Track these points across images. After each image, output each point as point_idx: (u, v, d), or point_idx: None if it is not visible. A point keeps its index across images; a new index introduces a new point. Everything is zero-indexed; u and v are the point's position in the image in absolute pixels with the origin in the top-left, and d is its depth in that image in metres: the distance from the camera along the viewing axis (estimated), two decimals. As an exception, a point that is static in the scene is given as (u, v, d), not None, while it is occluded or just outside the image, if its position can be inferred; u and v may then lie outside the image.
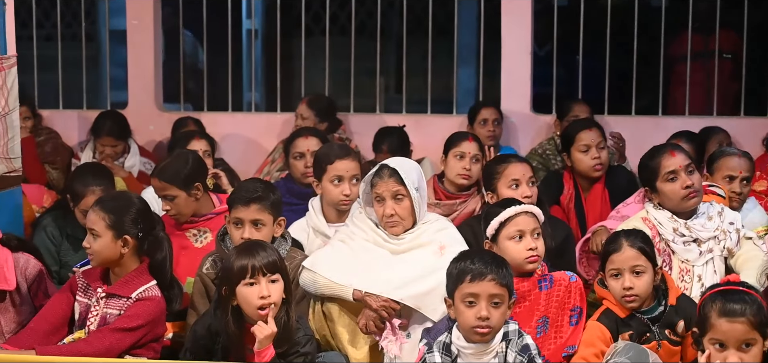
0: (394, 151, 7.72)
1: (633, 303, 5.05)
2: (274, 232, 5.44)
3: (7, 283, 5.47)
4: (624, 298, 5.05)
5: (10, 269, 5.50)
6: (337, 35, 9.89)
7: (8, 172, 6.26)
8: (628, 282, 5.05)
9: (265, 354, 4.73)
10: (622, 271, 5.06)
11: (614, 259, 5.09)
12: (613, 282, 5.09)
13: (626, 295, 5.05)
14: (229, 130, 9.13)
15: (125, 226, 5.18)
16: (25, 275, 5.53)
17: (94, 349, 5.01)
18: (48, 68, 9.76)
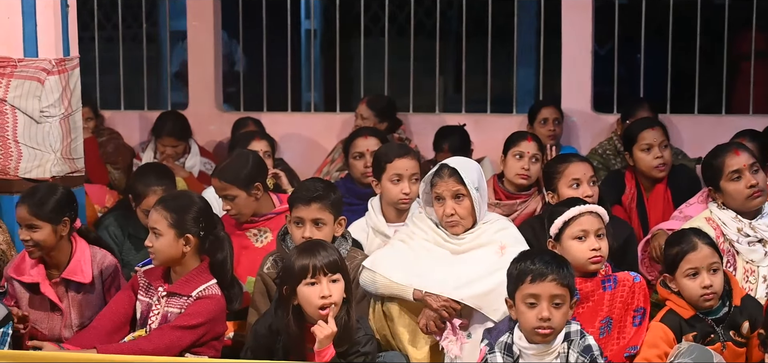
0: (455, 150, 7.69)
1: (711, 301, 4.99)
2: (334, 232, 5.44)
3: (83, 275, 5.53)
4: (702, 297, 4.99)
5: (87, 262, 5.56)
6: (395, 35, 9.88)
7: (71, 173, 6.31)
8: (707, 280, 4.98)
9: (325, 354, 4.73)
10: (699, 270, 4.99)
11: (691, 258, 5.01)
12: (690, 282, 5.02)
13: (705, 294, 4.98)
14: (289, 130, 9.15)
15: (187, 224, 5.20)
16: (101, 269, 5.58)
17: (155, 347, 5.04)
18: (109, 69, 9.84)
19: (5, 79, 6.14)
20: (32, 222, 5.46)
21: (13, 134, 6.20)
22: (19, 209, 5.50)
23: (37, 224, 5.46)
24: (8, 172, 6.22)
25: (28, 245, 5.48)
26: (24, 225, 5.47)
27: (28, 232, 5.46)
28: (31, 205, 5.48)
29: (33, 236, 5.46)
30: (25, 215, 5.47)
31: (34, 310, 5.54)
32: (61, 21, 6.24)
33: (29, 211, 5.47)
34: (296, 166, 8.18)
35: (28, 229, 5.46)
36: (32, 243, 5.46)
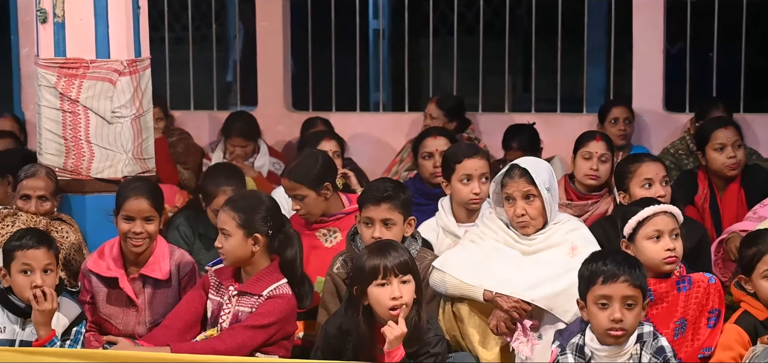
0: (525, 149, 7.67)
1: None
2: (404, 232, 5.43)
3: (161, 272, 5.57)
4: None
5: (166, 259, 5.61)
6: (464, 35, 9.85)
7: (142, 173, 6.36)
8: None
9: (395, 354, 4.72)
10: None
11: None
12: (766, 283, 4.95)
13: None
14: (357, 130, 9.15)
15: (255, 224, 5.21)
16: (179, 267, 5.63)
17: (227, 346, 5.06)
18: (179, 70, 9.91)
19: (78, 81, 6.20)
20: (151, 214, 5.52)
21: (86, 135, 6.26)
22: (138, 202, 5.53)
23: (153, 216, 5.54)
24: (81, 172, 6.29)
25: (139, 238, 5.52)
26: (141, 218, 5.51)
27: (144, 225, 5.51)
28: (149, 197, 5.54)
29: (147, 228, 5.52)
30: (145, 207, 5.52)
31: (110, 305, 5.60)
32: (132, 22, 6.29)
33: (149, 202, 5.53)
34: (365, 166, 8.19)
35: (145, 221, 5.52)
36: (145, 235, 5.52)
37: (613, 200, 6.32)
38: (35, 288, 5.00)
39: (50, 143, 6.31)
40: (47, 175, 6.15)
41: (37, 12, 6.24)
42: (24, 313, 5.08)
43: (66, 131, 6.26)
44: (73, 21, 6.18)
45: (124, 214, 5.55)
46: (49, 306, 4.99)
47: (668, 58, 8.76)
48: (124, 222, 5.55)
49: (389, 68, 11.25)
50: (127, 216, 5.54)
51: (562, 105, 9.13)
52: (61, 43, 6.22)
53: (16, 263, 5.07)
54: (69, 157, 6.29)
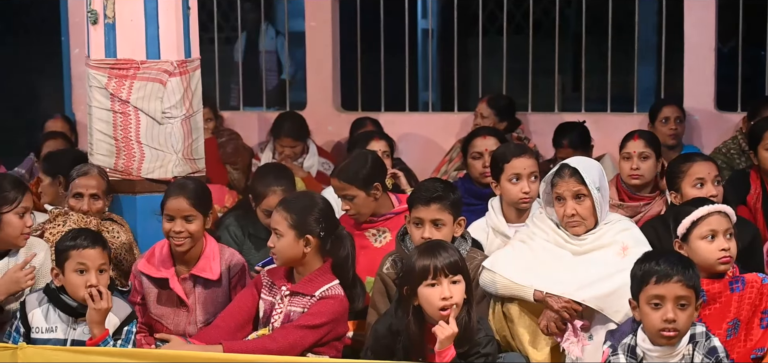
0: (575, 146, 7.65)
1: None
2: (454, 232, 5.41)
3: (212, 272, 5.59)
4: None
5: (216, 259, 5.62)
6: (513, 34, 9.82)
7: (192, 173, 6.39)
8: None
9: (446, 354, 4.71)
10: None
11: None
12: None
13: None
14: (406, 130, 9.15)
15: (307, 225, 5.21)
16: (229, 267, 5.64)
17: (278, 346, 5.06)
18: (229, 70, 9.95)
19: (128, 81, 6.24)
20: (190, 213, 5.53)
21: (136, 135, 6.30)
22: (177, 201, 5.55)
23: (194, 215, 5.54)
24: (131, 173, 6.32)
25: (180, 238, 5.54)
26: (180, 216, 5.53)
27: (184, 224, 5.53)
28: (189, 197, 5.55)
29: (188, 228, 5.54)
30: (184, 206, 5.54)
31: (161, 305, 5.63)
32: (182, 23, 6.32)
33: (188, 202, 5.55)
34: (414, 166, 8.17)
35: (185, 220, 5.54)
36: (185, 234, 5.54)
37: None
38: (90, 287, 5.02)
39: (101, 144, 6.35)
40: (99, 174, 6.19)
41: (87, 13, 6.28)
42: (76, 312, 5.11)
43: (117, 132, 6.30)
44: (123, 22, 6.22)
45: (166, 213, 5.58)
46: (105, 305, 5.02)
47: (720, 56, 8.69)
48: (166, 221, 5.58)
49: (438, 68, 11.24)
50: (168, 215, 5.57)
51: (612, 104, 9.08)
52: (111, 44, 6.25)
53: (71, 262, 5.09)
54: (120, 158, 6.32)
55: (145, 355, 4.76)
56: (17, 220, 5.47)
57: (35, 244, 5.62)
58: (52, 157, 7.12)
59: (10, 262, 5.50)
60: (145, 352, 5.01)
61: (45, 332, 5.13)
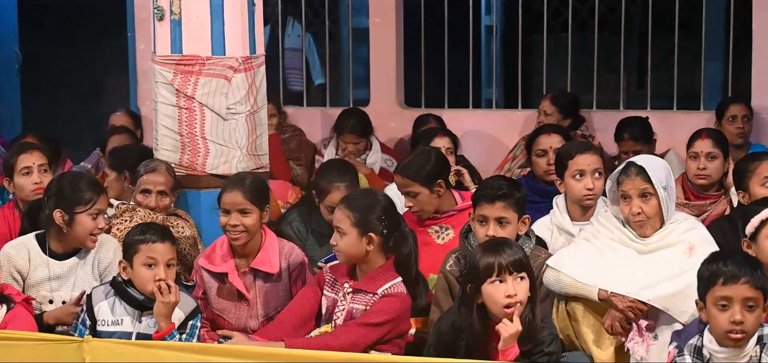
0: (636, 139, 7.63)
1: None
2: (518, 230, 5.39)
3: (272, 266, 5.61)
4: None
5: (276, 254, 5.64)
6: (577, 31, 9.76)
7: (256, 169, 6.42)
8: None
9: (509, 352, 4.69)
10: None
11: None
12: None
13: None
14: (470, 127, 9.12)
15: (370, 223, 5.21)
16: (289, 262, 5.66)
17: (340, 343, 5.06)
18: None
19: (194, 77, 6.28)
20: (246, 206, 5.55)
21: (201, 131, 6.33)
22: (233, 195, 5.58)
23: (249, 209, 5.56)
24: (196, 168, 6.36)
25: (235, 231, 5.56)
26: (236, 210, 5.56)
27: (240, 217, 5.56)
28: (244, 190, 5.58)
29: (244, 221, 5.56)
30: (239, 200, 5.57)
31: (221, 299, 5.65)
32: (247, 19, 6.35)
33: (244, 195, 5.57)
34: (477, 164, 8.15)
35: (241, 213, 5.56)
36: (241, 228, 5.56)
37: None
38: (159, 281, 5.06)
39: (166, 139, 6.40)
40: (167, 171, 6.23)
41: (154, 9, 6.32)
42: (142, 305, 5.15)
43: (182, 127, 6.34)
44: (189, 18, 6.26)
45: (222, 206, 5.61)
46: (173, 298, 5.05)
47: (788, 53, 8.57)
48: (222, 214, 5.61)
49: (501, 65, 11.18)
50: (224, 209, 5.59)
51: (679, 102, 8.99)
52: (177, 40, 6.29)
53: (140, 256, 5.13)
54: (184, 153, 6.36)
55: (208, 350, 4.78)
56: (90, 221, 5.51)
57: (105, 241, 5.67)
58: (118, 152, 7.18)
59: (79, 262, 5.55)
60: (209, 346, 5.03)
61: (111, 325, 5.17)
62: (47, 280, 5.52)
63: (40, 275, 5.53)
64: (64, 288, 5.51)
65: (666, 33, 9.06)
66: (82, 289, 5.45)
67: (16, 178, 6.38)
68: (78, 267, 5.54)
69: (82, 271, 5.54)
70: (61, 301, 5.48)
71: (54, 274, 5.52)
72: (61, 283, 5.52)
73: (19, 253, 5.54)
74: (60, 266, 5.54)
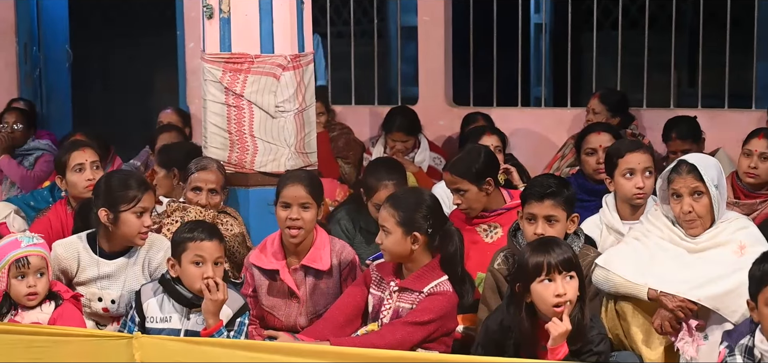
0: (684, 138, 7.58)
1: None
2: (567, 229, 5.36)
3: (322, 263, 5.62)
4: None
5: (327, 251, 5.65)
6: (627, 29, 9.69)
7: (304, 167, 6.42)
8: None
9: (558, 352, 4.66)
10: None
11: None
12: None
13: None
14: (518, 125, 9.10)
15: (415, 222, 5.21)
16: (340, 260, 5.67)
17: (386, 341, 5.05)
18: (340, 65, 9.98)
19: (243, 75, 6.29)
20: (307, 201, 5.58)
21: (250, 129, 6.35)
22: (294, 188, 5.60)
23: (309, 203, 5.59)
24: (244, 166, 6.38)
25: (295, 226, 5.58)
26: (297, 204, 5.58)
27: (300, 212, 5.57)
28: (306, 184, 5.61)
29: (303, 216, 5.58)
30: (301, 194, 5.59)
31: (272, 297, 5.67)
32: (296, 17, 6.36)
33: (305, 189, 5.59)
34: (525, 162, 8.13)
35: (301, 208, 5.58)
36: (300, 223, 5.57)
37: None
38: (207, 278, 5.08)
39: (215, 137, 6.42)
40: (218, 169, 6.25)
41: (203, 8, 6.35)
42: (190, 303, 5.17)
43: (231, 125, 6.36)
44: (238, 16, 6.28)
45: (282, 201, 5.61)
46: (221, 296, 5.07)
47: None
48: (282, 209, 5.61)
49: (550, 63, 11.14)
50: (284, 203, 5.60)
51: (730, 100, 8.92)
52: (226, 38, 6.31)
53: (189, 254, 5.14)
54: (233, 151, 6.38)
55: (256, 347, 4.79)
56: (134, 219, 5.53)
57: (156, 241, 5.68)
58: (167, 149, 7.21)
59: (128, 261, 5.57)
60: (257, 343, 5.04)
61: (159, 322, 5.19)
62: (97, 279, 5.55)
63: (89, 274, 5.56)
64: (114, 287, 5.54)
65: (717, 30, 8.98)
66: (132, 288, 5.48)
67: (68, 175, 6.42)
68: (128, 266, 5.56)
69: (132, 271, 5.56)
70: (110, 300, 5.51)
71: (103, 273, 5.55)
72: (110, 282, 5.55)
73: (67, 253, 5.58)
74: (109, 265, 5.56)
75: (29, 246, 5.20)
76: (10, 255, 5.17)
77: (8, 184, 8.41)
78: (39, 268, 5.19)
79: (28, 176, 8.39)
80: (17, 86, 10.36)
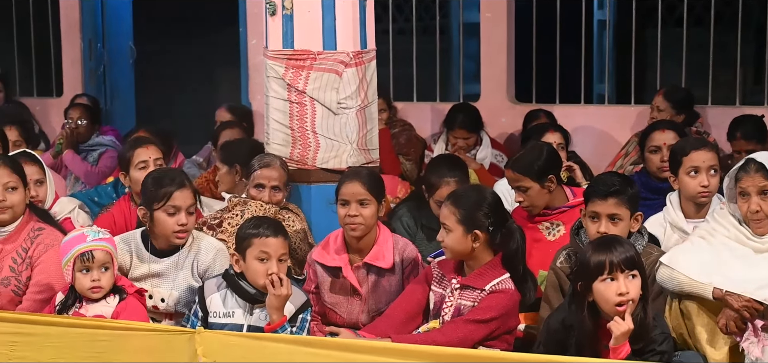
0: (748, 138, 7.52)
1: None
2: (630, 227, 5.32)
3: (385, 261, 5.63)
4: None
5: (390, 249, 5.66)
6: (692, 25, 9.60)
7: (366, 163, 6.42)
8: None
9: (621, 351, 4.63)
10: None
11: None
12: None
13: None
14: (581, 122, 9.04)
15: (476, 220, 5.20)
16: (403, 257, 5.67)
17: (448, 339, 5.05)
18: (402, 61, 9.98)
19: (305, 72, 6.30)
20: (365, 197, 5.60)
21: (312, 125, 6.36)
22: (352, 185, 5.63)
23: (368, 200, 5.61)
24: (306, 162, 6.39)
25: (354, 222, 5.60)
26: (355, 201, 5.60)
27: (358, 208, 5.60)
28: (363, 181, 5.64)
29: (362, 212, 5.60)
30: (359, 190, 5.62)
31: (334, 294, 5.68)
32: (358, 14, 6.36)
33: (363, 186, 5.62)
34: (588, 160, 8.08)
35: (360, 205, 5.60)
36: (360, 219, 5.60)
37: None
38: (271, 274, 5.09)
39: (277, 133, 6.43)
40: (281, 166, 6.27)
41: (266, 4, 6.37)
42: (253, 298, 5.19)
43: (293, 122, 6.37)
44: (301, 13, 6.29)
45: (341, 198, 5.63)
46: (285, 292, 5.09)
47: None
48: (341, 206, 5.63)
49: (614, 60, 11.05)
50: (343, 200, 5.62)
51: (797, 98, 8.83)
52: (289, 35, 6.33)
53: (253, 250, 5.17)
54: (295, 147, 6.40)
55: (318, 343, 4.80)
56: (166, 217, 5.55)
57: (204, 243, 5.69)
58: (230, 146, 7.25)
59: (178, 261, 5.60)
60: (319, 339, 5.05)
61: (222, 317, 5.23)
62: (148, 277, 5.59)
63: (141, 271, 5.61)
64: (164, 286, 5.57)
65: (785, 27, 8.88)
66: (182, 288, 5.52)
67: (132, 172, 6.47)
68: (177, 266, 5.59)
69: (182, 271, 5.59)
70: (160, 298, 5.54)
71: (154, 271, 5.59)
72: (161, 281, 5.59)
73: (123, 248, 5.63)
74: (159, 264, 5.60)
75: (95, 240, 5.26)
76: (75, 249, 5.24)
77: (72, 179, 8.49)
78: (104, 263, 5.24)
79: (92, 172, 8.47)
80: (82, 83, 10.47)
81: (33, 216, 5.72)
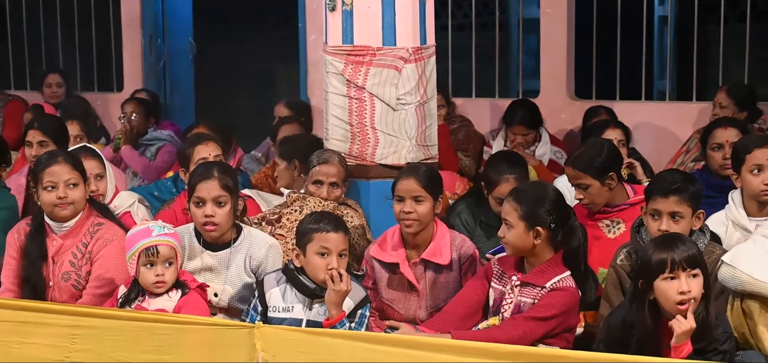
0: None
1: None
2: (692, 225, 5.27)
3: (442, 257, 5.62)
4: None
5: (447, 245, 5.65)
6: (755, 21, 9.50)
7: (425, 159, 6.42)
8: None
9: (682, 349, 4.60)
10: None
11: None
12: None
13: None
14: (642, 119, 8.98)
15: (538, 217, 5.17)
16: (460, 254, 5.66)
17: (508, 336, 5.03)
18: (460, 57, 9.96)
19: (364, 68, 6.31)
20: (420, 194, 5.59)
21: (371, 121, 6.36)
22: (407, 182, 5.62)
23: (423, 197, 5.60)
24: (365, 158, 6.40)
25: (409, 218, 5.60)
26: (410, 197, 5.59)
27: (413, 205, 5.59)
28: (419, 178, 5.63)
29: (417, 209, 5.59)
30: (414, 187, 5.61)
31: (392, 290, 5.68)
32: (418, 10, 6.36)
33: (418, 182, 5.61)
34: (648, 157, 8.00)
35: (415, 201, 5.59)
36: (415, 216, 5.59)
37: None
38: (331, 269, 5.10)
39: (336, 129, 6.45)
40: (340, 162, 6.27)
41: (326, 0, 6.37)
42: (313, 293, 5.20)
43: (352, 117, 6.38)
44: (361, 9, 6.30)
45: (396, 194, 5.63)
46: (345, 287, 5.09)
47: None
48: (396, 202, 5.63)
49: (675, 56, 10.97)
50: (398, 196, 5.62)
51: None
52: (348, 30, 6.34)
53: (314, 245, 5.18)
54: (354, 143, 6.40)
55: (377, 339, 4.79)
56: (195, 209, 5.56)
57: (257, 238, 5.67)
58: (288, 141, 7.26)
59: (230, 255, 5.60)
60: (378, 335, 5.04)
61: (282, 312, 5.24)
62: (201, 270, 5.61)
63: (195, 264, 5.63)
64: (217, 280, 5.59)
65: None
66: (235, 284, 5.54)
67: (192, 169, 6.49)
68: (229, 260, 5.60)
69: (235, 266, 5.60)
70: (213, 293, 5.55)
71: (206, 265, 5.61)
72: (213, 276, 5.60)
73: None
74: (212, 257, 5.62)
75: (160, 236, 5.30)
76: (140, 243, 5.29)
77: (130, 173, 8.55)
78: (168, 258, 5.28)
79: (150, 166, 8.53)
80: (142, 78, 10.55)
81: (93, 211, 5.76)
